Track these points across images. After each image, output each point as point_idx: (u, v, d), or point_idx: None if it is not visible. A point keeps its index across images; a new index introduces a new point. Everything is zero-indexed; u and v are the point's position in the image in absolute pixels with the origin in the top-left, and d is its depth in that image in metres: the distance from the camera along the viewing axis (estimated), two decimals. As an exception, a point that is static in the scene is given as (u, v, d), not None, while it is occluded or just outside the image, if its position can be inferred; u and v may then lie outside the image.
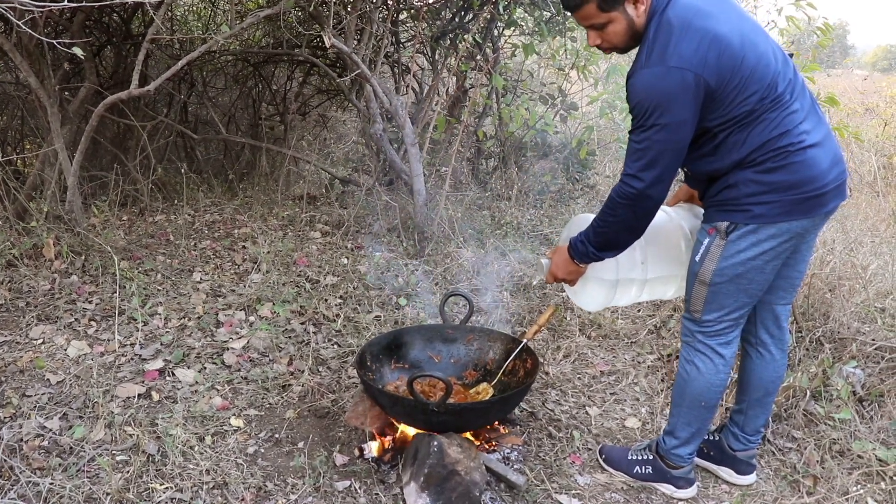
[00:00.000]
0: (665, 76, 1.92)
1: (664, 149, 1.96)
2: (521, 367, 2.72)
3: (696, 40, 1.92)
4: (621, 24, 2.02)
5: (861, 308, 3.37)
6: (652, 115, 1.94)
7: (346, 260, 4.28)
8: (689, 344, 2.31)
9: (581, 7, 2.00)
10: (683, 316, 2.33)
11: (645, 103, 1.95)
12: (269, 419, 2.78)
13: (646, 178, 1.99)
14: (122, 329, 3.36)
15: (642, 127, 1.97)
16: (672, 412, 2.42)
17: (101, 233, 4.27)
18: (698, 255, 2.19)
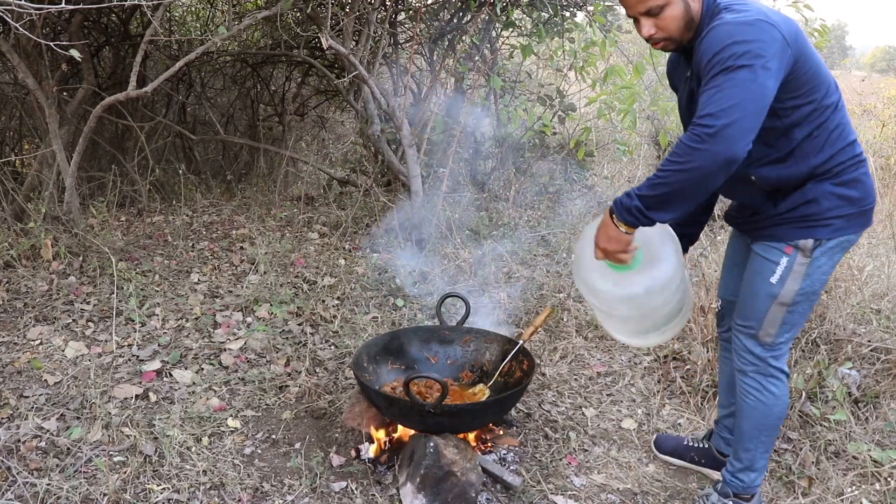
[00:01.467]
0: (753, 24, 1.75)
1: (747, 94, 1.69)
2: (517, 368, 2.72)
3: (772, 11, 1.84)
4: (678, 8, 1.86)
5: (857, 309, 3.38)
6: (740, 57, 1.71)
7: (343, 261, 4.29)
8: (759, 371, 2.15)
9: None
10: (745, 344, 2.16)
11: (729, 48, 1.72)
12: (266, 420, 2.79)
13: (726, 116, 1.69)
14: (119, 330, 3.36)
15: (725, 70, 1.72)
16: (746, 447, 2.26)
17: (98, 234, 4.28)
18: (775, 277, 2.02)
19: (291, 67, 6.81)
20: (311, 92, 7.25)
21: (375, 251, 4.47)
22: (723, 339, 2.48)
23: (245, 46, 6.51)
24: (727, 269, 2.39)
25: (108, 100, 3.68)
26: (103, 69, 6.18)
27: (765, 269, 2.05)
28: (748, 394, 2.21)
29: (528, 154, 5.93)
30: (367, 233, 4.80)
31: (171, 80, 6.71)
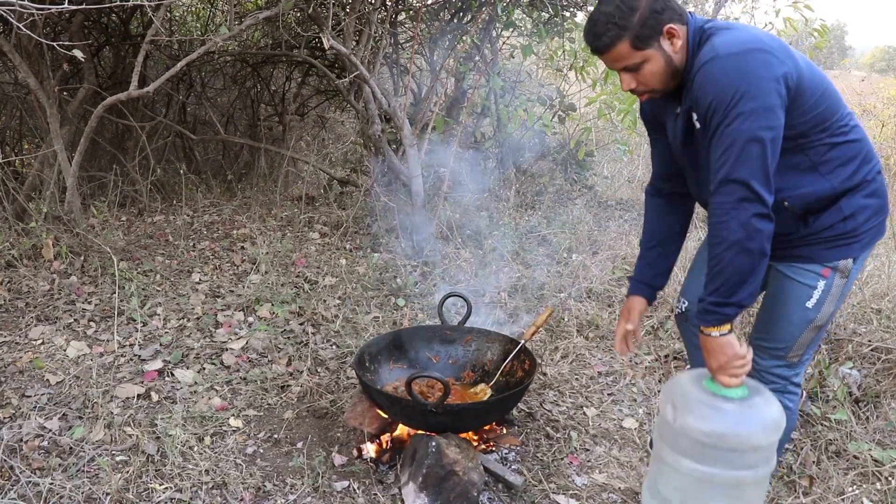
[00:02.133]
0: (746, 56, 1.67)
1: (755, 138, 1.65)
2: (518, 367, 2.73)
3: (764, 34, 1.75)
4: (658, 63, 1.80)
5: (857, 309, 3.39)
6: (736, 104, 1.66)
7: (344, 261, 4.30)
8: (779, 390, 2.08)
9: (612, 46, 1.77)
10: (768, 364, 2.09)
11: (725, 93, 1.67)
12: (268, 419, 2.79)
13: (739, 177, 1.66)
14: (121, 329, 3.36)
15: (724, 121, 1.67)
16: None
17: (100, 233, 4.28)
18: (812, 301, 1.94)
19: (292, 67, 6.82)
20: (311, 92, 7.26)
21: (376, 251, 4.47)
22: (691, 333, 2.38)
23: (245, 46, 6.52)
24: (702, 274, 2.17)
25: (110, 100, 3.69)
26: (104, 69, 6.19)
27: (800, 293, 1.96)
28: None
29: (528, 154, 5.94)
30: (368, 232, 4.80)
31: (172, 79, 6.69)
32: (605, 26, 1.77)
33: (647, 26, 1.76)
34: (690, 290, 2.34)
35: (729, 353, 1.78)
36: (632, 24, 1.75)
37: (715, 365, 1.80)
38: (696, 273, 2.32)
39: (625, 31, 1.76)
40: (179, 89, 6.47)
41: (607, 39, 1.78)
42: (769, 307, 2.08)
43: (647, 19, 1.76)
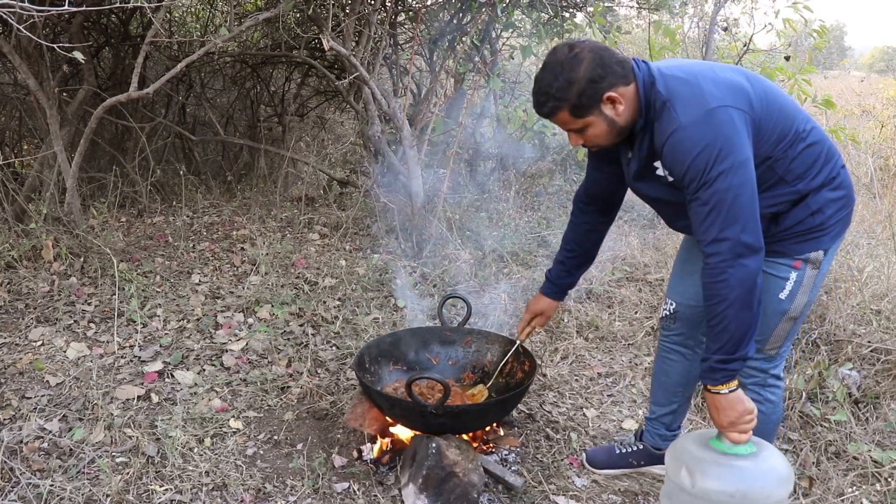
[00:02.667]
0: (708, 120, 1.74)
1: (737, 194, 1.72)
2: (518, 369, 2.73)
3: (712, 82, 1.81)
4: (600, 127, 1.86)
5: (857, 310, 3.39)
6: (711, 168, 1.72)
7: (344, 262, 4.30)
8: (758, 383, 2.14)
9: (553, 115, 1.85)
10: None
11: (699, 160, 1.73)
12: (268, 421, 2.79)
13: (730, 231, 1.73)
14: (121, 331, 3.37)
15: (704, 185, 1.74)
16: None
17: (99, 234, 4.28)
18: (784, 293, 1.98)
19: (291, 68, 6.83)
20: (311, 92, 7.27)
21: (376, 252, 4.47)
22: (670, 341, 2.42)
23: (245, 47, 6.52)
24: (687, 274, 2.30)
25: (110, 101, 3.69)
26: (103, 70, 6.19)
27: (773, 286, 1.99)
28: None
29: (527, 155, 5.94)
30: (368, 234, 4.80)
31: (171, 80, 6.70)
32: (545, 97, 1.85)
33: (584, 96, 1.81)
34: (677, 290, 2.36)
35: (739, 409, 1.81)
36: (569, 96, 1.81)
37: (726, 422, 1.82)
38: (682, 273, 2.35)
39: (563, 102, 1.82)
40: (179, 90, 6.48)
41: (547, 109, 1.85)
42: None
43: (585, 90, 1.80)
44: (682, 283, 2.34)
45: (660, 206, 2.09)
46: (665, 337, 2.45)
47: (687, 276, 2.32)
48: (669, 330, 2.41)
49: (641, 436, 2.61)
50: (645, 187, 2.02)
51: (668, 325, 2.41)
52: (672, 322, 2.38)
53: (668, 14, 6.78)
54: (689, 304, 2.33)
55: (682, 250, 2.39)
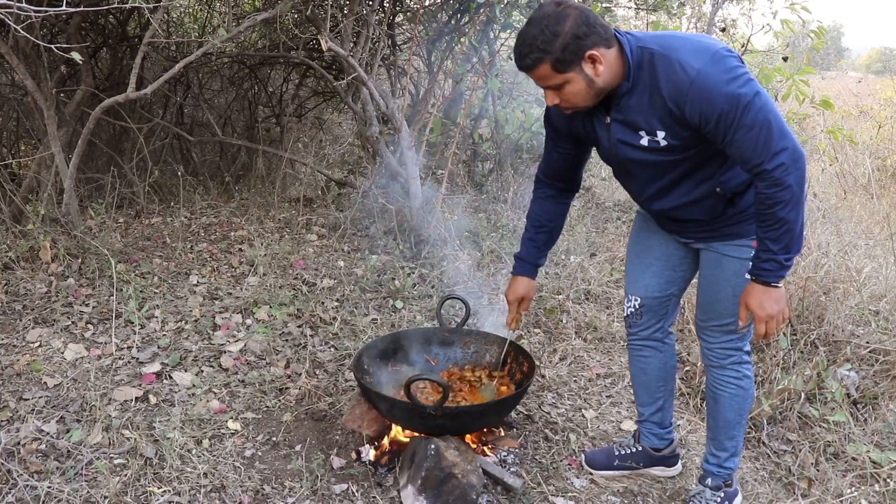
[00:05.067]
0: (719, 60, 1.79)
1: (772, 108, 1.78)
2: (517, 370, 2.73)
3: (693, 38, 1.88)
4: (579, 85, 1.89)
5: (855, 311, 3.39)
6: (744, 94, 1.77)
7: (342, 263, 4.29)
8: (736, 361, 2.23)
9: (534, 68, 1.87)
10: (720, 340, 2.21)
11: (730, 92, 1.77)
12: (267, 422, 2.79)
13: (787, 143, 1.78)
14: (118, 332, 3.36)
15: (745, 111, 1.77)
16: (731, 435, 2.31)
17: (97, 235, 4.27)
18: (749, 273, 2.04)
19: (289, 69, 6.82)
20: (309, 93, 7.26)
21: (374, 253, 4.47)
22: (640, 338, 2.44)
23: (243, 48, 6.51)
24: (645, 267, 2.36)
25: (108, 101, 3.68)
26: (101, 70, 6.18)
27: (737, 267, 2.09)
28: (728, 384, 2.27)
29: (526, 155, 5.94)
30: (366, 234, 4.80)
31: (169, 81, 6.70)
32: (528, 48, 1.86)
33: (567, 51, 1.84)
34: (640, 285, 2.39)
35: (784, 299, 1.97)
36: (553, 49, 1.83)
37: (775, 310, 1.95)
38: (640, 267, 2.38)
39: (546, 54, 1.85)
40: (177, 91, 6.47)
41: (529, 61, 1.87)
42: (711, 288, 2.19)
43: (569, 45, 1.83)
44: (642, 276, 2.38)
45: (639, 168, 2.08)
46: (633, 335, 2.46)
47: (646, 268, 2.37)
48: (637, 326, 2.44)
49: (639, 437, 2.61)
50: (626, 150, 2.03)
51: (634, 322, 2.43)
52: (638, 318, 2.42)
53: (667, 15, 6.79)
54: (653, 296, 2.37)
55: (633, 245, 2.43)
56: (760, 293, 1.95)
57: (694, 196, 2.06)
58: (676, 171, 2.03)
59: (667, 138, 1.93)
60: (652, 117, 1.92)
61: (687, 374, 3.19)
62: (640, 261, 2.39)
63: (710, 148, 1.93)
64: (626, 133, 1.99)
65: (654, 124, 1.92)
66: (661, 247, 2.34)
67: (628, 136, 2.00)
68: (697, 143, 1.93)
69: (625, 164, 2.11)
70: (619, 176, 2.23)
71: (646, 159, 2.02)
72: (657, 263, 2.35)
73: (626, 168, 2.13)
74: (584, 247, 4.69)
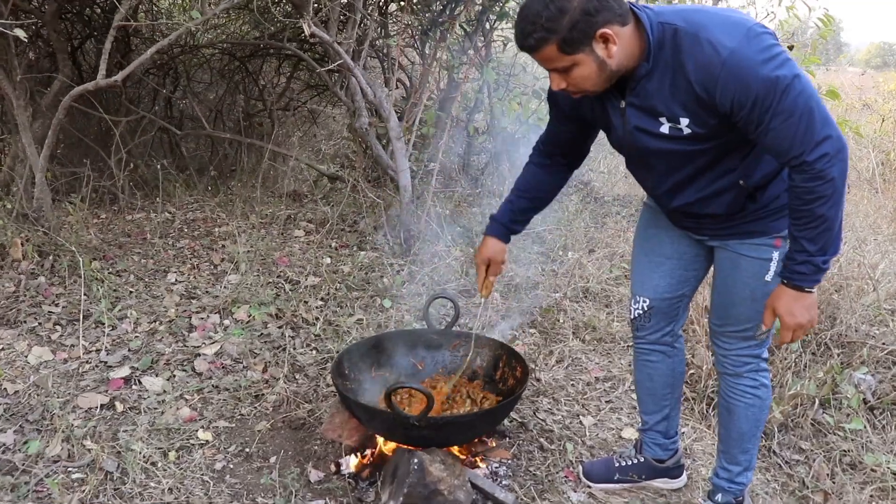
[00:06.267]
0: (754, 37, 1.58)
1: (813, 93, 1.58)
2: (510, 375, 2.54)
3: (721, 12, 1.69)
4: (589, 67, 1.66)
5: (872, 311, 3.19)
6: (782, 76, 1.56)
7: (329, 259, 4.10)
8: (754, 369, 2.05)
9: (538, 49, 1.64)
10: (737, 346, 2.03)
11: (766, 74, 1.56)
12: (240, 431, 2.59)
13: (830, 132, 1.59)
14: (88, 334, 3.17)
15: (783, 95, 1.57)
16: (745, 448, 2.14)
17: (73, 231, 4.07)
18: (770, 274, 1.89)
19: (281, 60, 6.63)
20: (302, 86, 7.06)
21: (363, 249, 4.27)
22: (647, 342, 2.24)
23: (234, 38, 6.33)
24: (655, 266, 2.15)
25: (77, 89, 3.48)
26: (87, 62, 6.00)
27: (757, 268, 1.90)
28: (744, 394, 2.08)
29: (523, 149, 5.74)
30: (355, 230, 4.60)
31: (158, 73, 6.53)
32: (532, 26, 1.63)
33: (576, 30, 1.61)
34: (649, 285, 2.17)
35: (816, 306, 1.79)
36: (560, 28, 1.60)
37: (806, 319, 1.77)
38: (648, 266, 2.18)
39: (552, 34, 1.62)
40: (166, 83, 6.28)
41: (533, 41, 1.64)
42: (728, 290, 2.00)
43: (578, 22, 1.60)
44: (651, 276, 2.16)
45: (656, 159, 1.87)
46: (641, 338, 2.26)
47: (656, 267, 2.15)
48: (645, 330, 2.23)
49: (641, 447, 2.41)
50: (644, 138, 1.80)
51: (642, 325, 2.23)
52: (647, 320, 2.21)
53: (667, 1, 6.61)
54: (663, 297, 2.16)
55: (641, 242, 2.22)
56: (791, 298, 1.75)
57: (715, 188, 1.84)
58: (697, 162, 1.81)
59: (691, 126, 1.71)
60: (674, 103, 1.69)
61: (692, 378, 2.98)
62: (648, 259, 2.18)
63: (737, 136, 1.72)
64: (645, 119, 1.76)
65: (677, 110, 1.70)
66: (672, 244, 2.12)
67: (647, 123, 1.77)
68: (725, 132, 1.71)
69: (641, 154, 1.89)
70: (633, 167, 2.01)
71: (665, 148, 1.79)
72: (668, 262, 2.13)
73: (643, 158, 1.91)
74: (582, 242, 4.50)
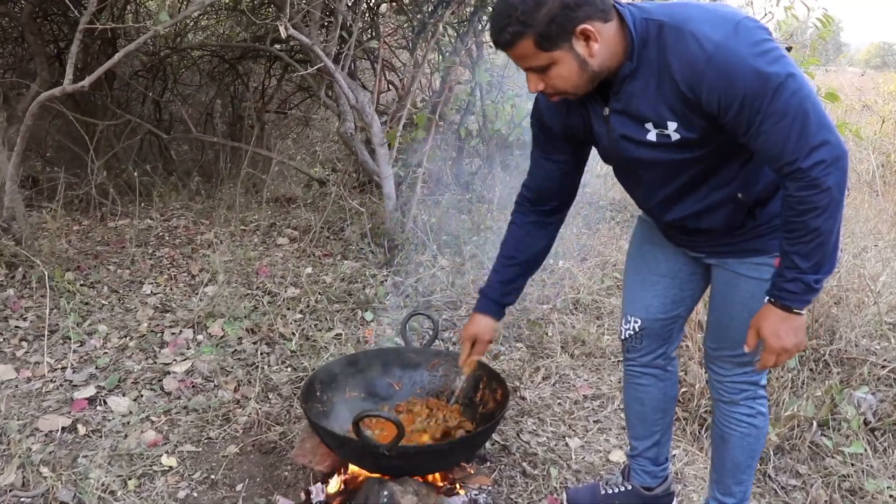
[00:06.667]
0: (743, 32, 1.46)
1: (810, 93, 1.45)
2: (490, 398, 2.41)
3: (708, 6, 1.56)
4: (569, 66, 1.53)
5: (873, 327, 3.05)
6: (775, 74, 1.43)
7: (311, 269, 3.96)
8: (750, 396, 1.93)
9: (513, 44, 1.51)
10: (733, 373, 1.90)
11: (756, 70, 1.43)
12: (207, 456, 2.46)
13: (828, 137, 1.45)
14: (55, 350, 3.04)
15: (775, 95, 1.43)
16: (740, 479, 2.01)
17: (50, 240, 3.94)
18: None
19: (271, 62, 6.50)
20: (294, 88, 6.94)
21: (347, 258, 4.14)
22: (639, 364, 2.10)
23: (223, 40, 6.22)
24: (649, 284, 2.00)
25: (44, 95, 3.35)
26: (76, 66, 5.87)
27: (757, 290, 1.74)
28: (740, 423, 1.95)
29: (517, 152, 5.60)
30: (341, 238, 4.47)
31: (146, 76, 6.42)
32: (506, 20, 1.49)
33: (554, 24, 1.47)
34: (640, 304, 2.03)
35: (805, 329, 1.66)
36: (536, 21, 1.47)
37: (792, 343, 1.63)
38: (641, 285, 2.03)
39: (528, 28, 1.48)
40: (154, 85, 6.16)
41: (507, 36, 1.51)
42: (725, 311, 1.86)
43: (556, 16, 1.47)
44: (643, 295, 2.02)
45: (645, 169, 1.72)
46: (631, 360, 2.11)
47: (649, 286, 2.01)
48: (636, 351, 2.08)
49: (629, 474, 2.28)
50: (631, 147, 1.66)
51: (633, 347, 2.08)
52: (638, 342, 2.06)
53: None
54: (655, 318, 2.02)
55: (634, 258, 2.07)
56: (778, 319, 1.61)
57: (710, 202, 1.70)
58: (690, 173, 1.67)
59: (679, 130, 1.57)
60: (661, 105, 1.55)
61: (684, 396, 2.85)
62: (641, 277, 2.03)
63: (731, 143, 1.58)
64: (630, 126, 1.63)
65: (664, 113, 1.56)
66: (667, 261, 1.97)
67: (632, 130, 1.63)
68: (717, 137, 1.57)
69: (628, 165, 1.75)
70: (622, 178, 1.87)
71: (654, 158, 1.65)
72: (662, 281, 1.98)
73: (631, 169, 1.77)
74: (574, 250, 4.36)
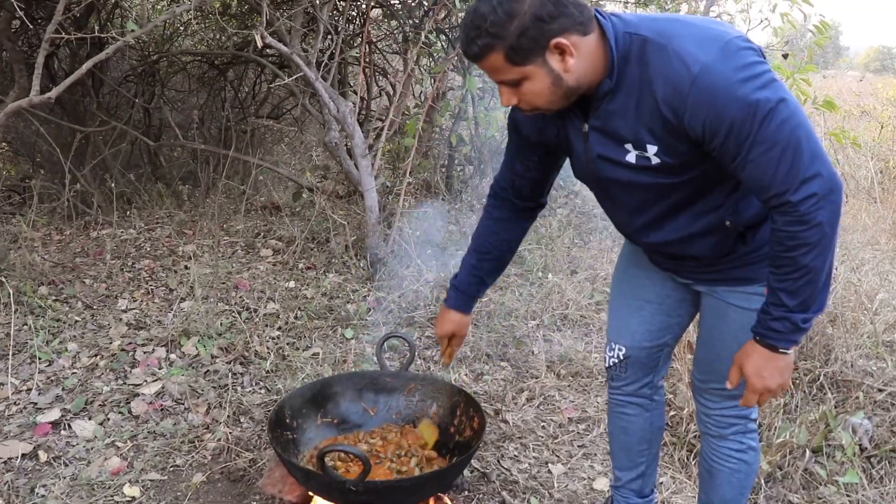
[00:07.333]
0: (732, 52, 1.35)
1: (802, 122, 1.35)
2: (467, 426, 2.30)
3: (698, 22, 1.45)
4: (542, 82, 1.44)
5: (871, 350, 2.94)
6: (765, 100, 1.33)
7: (292, 283, 3.86)
8: (740, 431, 1.84)
9: (483, 57, 1.42)
10: (722, 406, 1.82)
11: (745, 96, 1.33)
12: (172, 485, 2.35)
13: (821, 169, 1.35)
14: (20, 370, 2.93)
15: (764, 122, 1.33)
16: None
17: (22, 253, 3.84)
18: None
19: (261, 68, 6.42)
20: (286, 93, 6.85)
21: (330, 271, 4.04)
22: (623, 393, 2.00)
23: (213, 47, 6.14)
24: (634, 310, 1.90)
25: (11, 106, 3.25)
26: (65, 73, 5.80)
27: (747, 320, 1.60)
28: (729, 458, 1.86)
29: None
30: (325, 250, 4.37)
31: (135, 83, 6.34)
32: (476, 31, 1.40)
33: (526, 37, 1.38)
34: (626, 332, 1.93)
35: (791, 369, 1.57)
36: (506, 34, 1.38)
37: (776, 384, 1.54)
38: (626, 311, 1.93)
39: (497, 40, 1.39)
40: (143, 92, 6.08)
41: (476, 48, 1.42)
42: (713, 342, 1.77)
43: (528, 29, 1.37)
44: (628, 322, 1.92)
45: (624, 192, 1.62)
46: (616, 389, 2.01)
47: (634, 312, 1.91)
48: (621, 380, 1.99)
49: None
50: (608, 168, 1.56)
51: (618, 375, 1.98)
52: (623, 370, 1.96)
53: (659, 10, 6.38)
54: (641, 346, 1.92)
55: (620, 283, 1.97)
56: (762, 358, 1.51)
57: (696, 229, 1.60)
58: (673, 198, 1.56)
59: (659, 154, 1.47)
60: (640, 126, 1.45)
61: (672, 420, 2.74)
62: (626, 302, 1.93)
63: (717, 168, 1.47)
64: (608, 146, 1.53)
65: (644, 135, 1.46)
66: (654, 286, 1.87)
67: (611, 151, 1.53)
68: (700, 163, 1.47)
69: (605, 186, 1.65)
70: (601, 200, 1.76)
71: (633, 181, 1.55)
72: (649, 307, 1.88)
73: (608, 191, 1.66)
74: (563, 263, 4.25)
